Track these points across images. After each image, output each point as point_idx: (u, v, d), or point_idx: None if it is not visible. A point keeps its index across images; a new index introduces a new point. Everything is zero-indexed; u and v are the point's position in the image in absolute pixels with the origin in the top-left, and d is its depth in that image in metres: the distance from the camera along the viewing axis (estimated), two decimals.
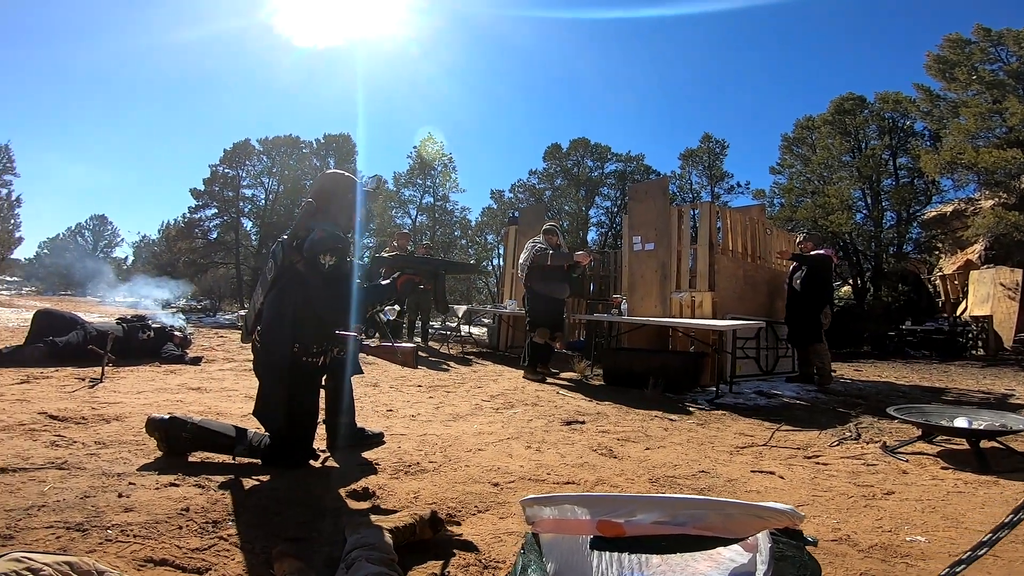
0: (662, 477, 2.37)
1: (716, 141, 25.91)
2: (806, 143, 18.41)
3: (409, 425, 3.08)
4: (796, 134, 18.73)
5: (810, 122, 18.12)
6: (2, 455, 2.01)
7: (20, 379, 3.59)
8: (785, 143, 19.20)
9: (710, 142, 25.88)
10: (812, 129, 17.94)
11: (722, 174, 25.87)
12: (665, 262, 5.70)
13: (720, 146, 25.88)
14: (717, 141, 25.93)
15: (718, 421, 3.69)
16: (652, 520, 0.85)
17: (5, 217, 15.98)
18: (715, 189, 25.47)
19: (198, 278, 21.07)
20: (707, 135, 26.04)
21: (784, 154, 19.37)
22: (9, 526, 1.46)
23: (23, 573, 0.79)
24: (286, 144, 22.42)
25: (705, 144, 25.94)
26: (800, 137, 18.61)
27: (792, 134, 18.89)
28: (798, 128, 18.65)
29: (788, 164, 19.19)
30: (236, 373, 4.53)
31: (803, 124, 18.45)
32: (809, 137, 18.19)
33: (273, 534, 1.57)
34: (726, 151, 25.94)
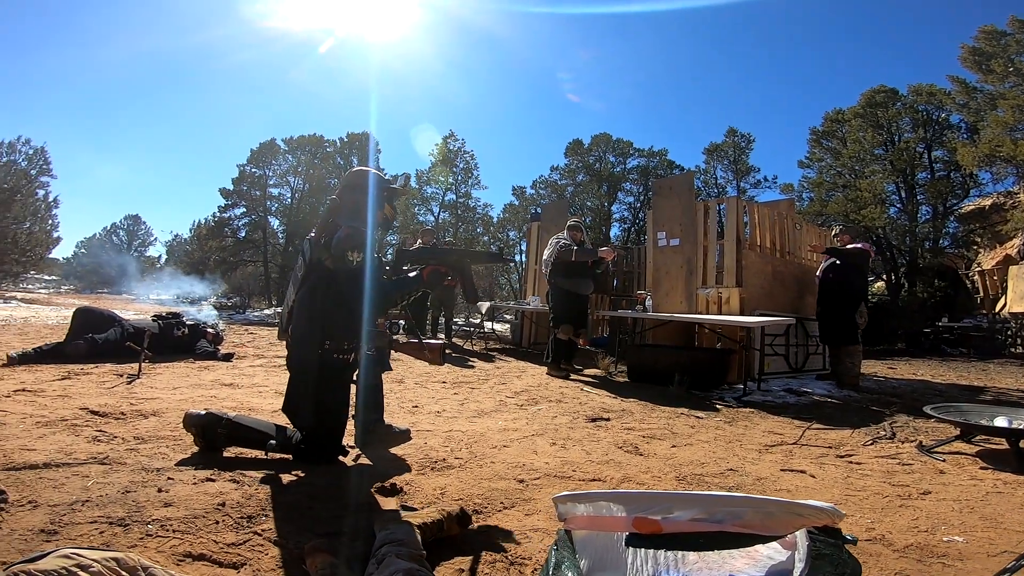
0: (689, 475, 2.35)
1: (742, 135, 25.42)
2: (836, 136, 17.94)
3: (435, 421, 3.11)
4: (825, 127, 18.28)
5: (840, 115, 17.66)
6: (46, 450, 2.08)
7: (62, 375, 3.73)
8: (814, 136, 18.76)
9: (735, 136, 25.40)
10: (842, 122, 17.48)
11: (748, 168, 25.38)
12: (691, 258, 5.63)
13: (746, 140, 25.39)
14: (743, 135, 25.43)
15: (746, 419, 3.63)
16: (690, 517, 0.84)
17: (43, 218, 16.53)
18: (741, 184, 25.01)
19: (228, 276, 21.60)
20: (732, 129, 25.55)
21: (813, 148, 18.93)
22: (54, 521, 1.51)
23: (73, 570, 0.82)
24: (310, 143, 22.73)
25: (730, 138, 25.47)
26: (829, 130, 18.14)
27: (821, 127, 18.43)
28: (827, 121, 18.20)
29: (817, 158, 18.75)
30: (266, 369, 4.63)
31: (832, 117, 18.00)
32: (839, 130, 17.72)
33: (305, 529, 1.60)
34: (752, 145, 25.43)
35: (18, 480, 1.77)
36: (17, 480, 1.76)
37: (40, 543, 1.38)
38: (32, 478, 1.80)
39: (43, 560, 0.82)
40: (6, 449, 2.05)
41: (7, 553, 1.31)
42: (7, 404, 2.78)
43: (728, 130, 25.67)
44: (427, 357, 2.35)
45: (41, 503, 1.61)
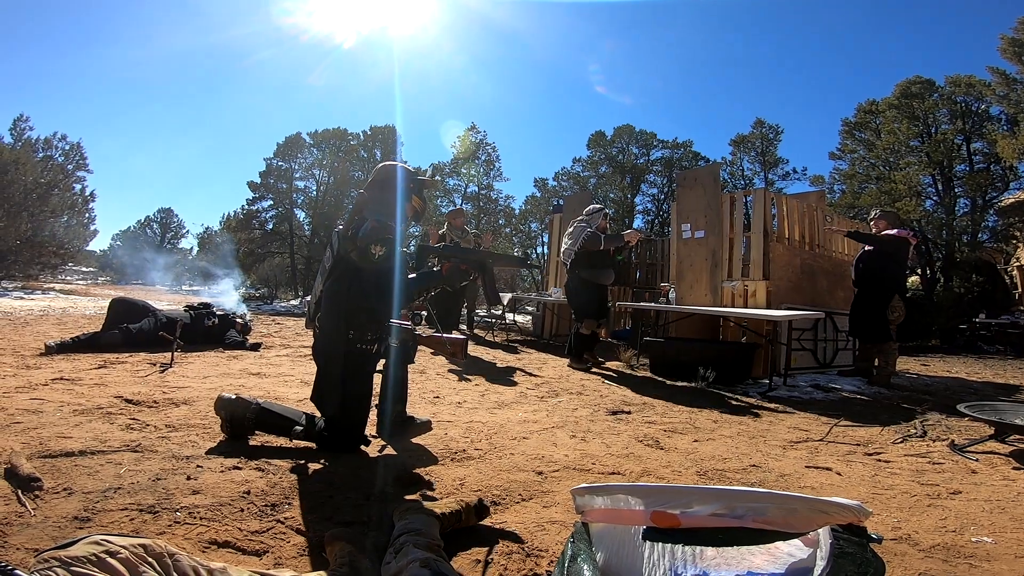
0: (711, 470, 2.32)
1: (769, 126, 24.88)
2: (869, 128, 17.44)
3: (455, 412, 3.13)
4: (858, 118, 17.77)
5: (873, 106, 17.15)
6: (82, 438, 2.15)
7: (98, 364, 3.86)
8: (846, 128, 18.26)
9: (763, 127, 24.87)
10: (876, 114, 16.98)
11: (776, 160, 24.85)
12: (716, 250, 5.53)
13: (774, 131, 24.84)
14: (771, 126, 24.89)
15: (771, 414, 3.57)
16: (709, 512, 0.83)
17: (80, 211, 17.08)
18: (769, 175, 24.51)
19: (256, 267, 22.07)
20: (759, 120, 25.03)
21: (845, 139, 18.42)
22: (87, 508, 1.55)
23: (102, 556, 0.84)
24: (335, 137, 22.98)
25: (757, 129, 24.95)
26: (863, 122, 17.64)
27: (853, 118, 17.93)
28: (860, 112, 17.70)
29: (849, 149, 18.25)
30: (292, 359, 4.73)
31: (866, 108, 17.51)
32: (872, 122, 17.22)
33: (326, 518, 1.63)
34: (780, 136, 24.87)
35: (54, 467, 1.82)
36: (53, 467, 1.82)
37: (73, 530, 1.42)
38: (67, 465, 1.86)
39: (74, 547, 0.85)
40: (43, 436, 2.13)
41: (40, 540, 1.35)
42: (45, 392, 2.89)
43: (755, 121, 25.16)
44: (448, 351, 2.35)
45: (75, 490, 1.66)
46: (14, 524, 1.42)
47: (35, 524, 1.43)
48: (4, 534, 1.36)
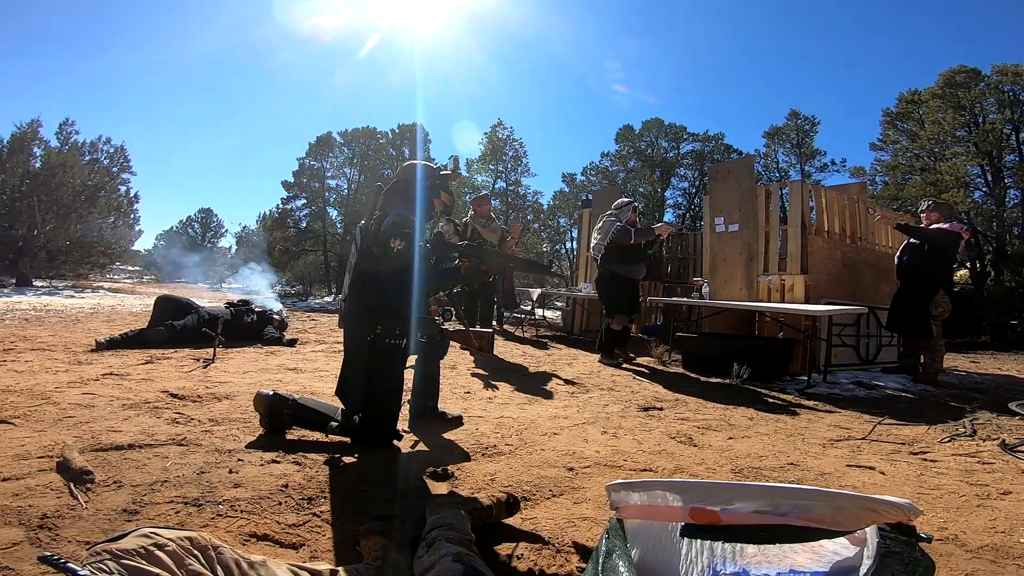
0: (746, 468, 2.27)
1: (805, 118, 24.18)
2: (912, 118, 16.84)
3: (486, 408, 3.14)
4: (900, 108, 17.19)
5: (916, 96, 16.57)
6: (131, 432, 2.24)
7: (145, 359, 4.01)
8: (887, 118, 17.66)
9: (798, 119, 24.18)
10: (918, 103, 16.41)
11: (813, 152, 24.16)
12: (751, 244, 5.40)
13: (810, 123, 24.15)
14: (806, 118, 24.20)
15: (810, 412, 3.47)
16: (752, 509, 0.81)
17: (125, 212, 17.79)
18: (805, 167, 23.82)
19: (291, 265, 22.64)
20: (794, 112, 24.38)
21: (886, 129, 17.83)
22: (135, 501, 1.61)
23: (150, 548, 0.86)
24: (364, 135, 23.33)
25: (792, 121, 24.30)
26: (905, 112, 17.05)
27: (895, 108, 17.32)
28: (902, 102, 17.11)
29: (892, 140, 17.66)
30: (327, 355, 4.83)
31: (908, 98, 16.93)
32: (915, 111, 16.64)
33: (360, 512, 1.65)
34: (816, 128, 24.20)
35: (104, 461, 1.89)
36: (104, 461, 1.89)
37: (122, 522, 1.48)
38: (117, 458, 1.93)
39: (124, 539, 0.87)
40: (95, 430, 2.22)
41: (92, 533, 1.40)
42: (96, 387, 3.01)
43: (790, 112, 24.56)
44: (475, 345, 2.36)
45: (125, 483, 1.72)
46: (66, 517, 1.47)
47: (86, 517, 1.48)
48: (57, 527, 1.41)
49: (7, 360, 3.69)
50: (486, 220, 5.74)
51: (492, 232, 5.62)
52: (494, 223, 5.82)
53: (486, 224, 5.67)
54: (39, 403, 2.59)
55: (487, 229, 5.60)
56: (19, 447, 1.97)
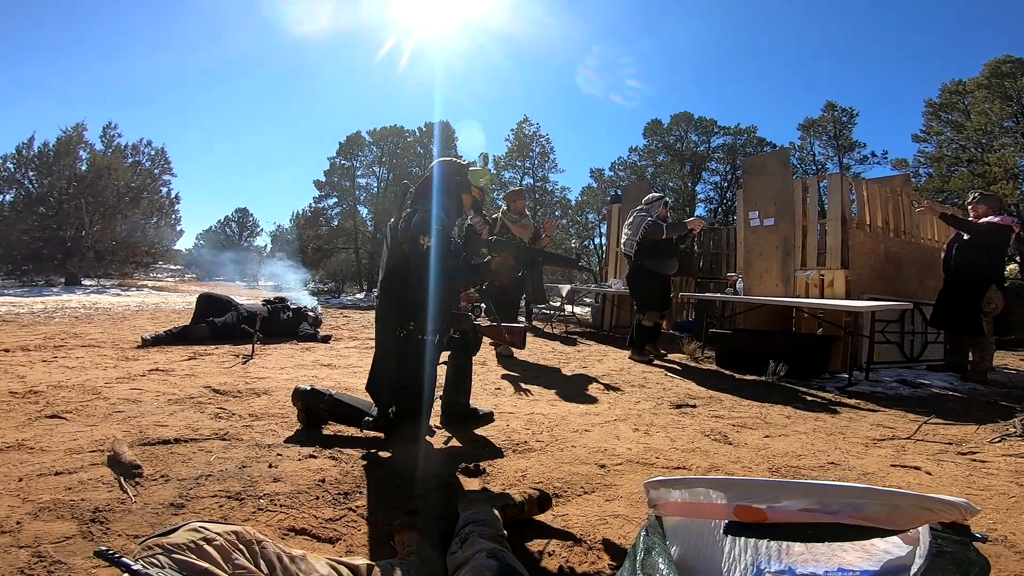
0: (784, 467, 2.22)
1: (842, 109, 23.45)
2: (956, 108, 16.21)
3: (517, 404, 3.15)
4: (943, 99, 16.57)
5: (960, 86, 15.97)
6: (176, 426, 2.32)
7: (188, 355, 4.16)
8: (930, 109, 17.04)
9: (835, 111, 23.45)
10: (963, 94, 15.78)
11: (852, 144, 23.43)
12: (787, 238, 5.25)
13: (847, 115, 23.39)
14: (844, 109, 23.47)
15: (851, 411, 3.36)
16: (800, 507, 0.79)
17: (167, 213, 18.38)
18: (844, 160, 23.10)
19: (323, 263, 23.12)
20: (831, 103, 23.66)
21: (929, 120, 17.21)
22: (181, 495, 1.66)
23: (200, 543, 0.89)
24: (392, 134, 23.60)
25: (829, 113, 23.59)
26: (948, 102, 16.42)
27: (938, 99, 16.65)
28: (945, 93, 16.50)
29: (935, 131, 17.02)
30: (360, 351, 4.92)
31: (951, 89, 16.33)
32: (960, 102, 15.99)
33: (394, 507, 1.67)
34: (855, 120, 23.45)
35: (152, 455, 1.97)
36: (152, 455, 1.96)
37: (169, 516, 1.52)
38: (164, 453, 2.00)
39: (174, 534, 0.90)
40: (143, 425, 2.30)
41: (141, 526, 1.45)
42: (143, 383, 3.14)
43: (826, 104, 23.90)
44: (508, 340, 2.36)
45: (171, 477, 1.78)
46: (116, 511, 1.53)
47: (135, 511, 1.54)
48: (108, 521, 1.47)
49: (59, 356, 3.87)
50: (519, 216, 5.36)
51: (524, 229, 5.25)
52: (527, 219, 5.42)
53: (518, 220, 5.29)
54: (90, 398, 2.70)
55: (518, 225, 5.22)
56: (71, 441, 2.06)
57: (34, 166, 14.97)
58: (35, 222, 14.37)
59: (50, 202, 14.77)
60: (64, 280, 14.44)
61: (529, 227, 5.32)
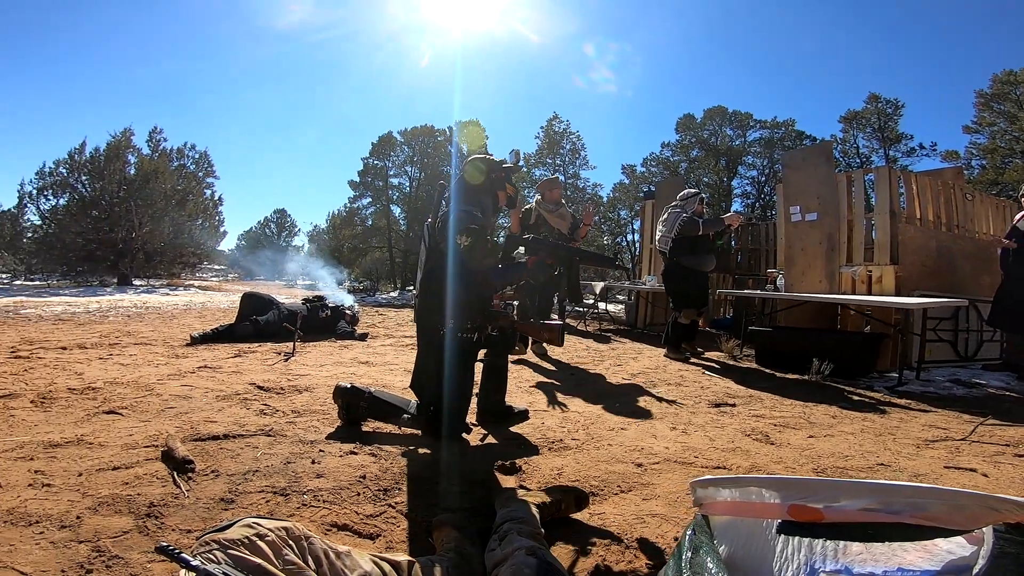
0: (830, 468, 2.15)
1: (887, 101, 22.58)
2: (1009, 99, 15.48)
3: (551, 402, 3.14)
4: (995, 89, 15.86)
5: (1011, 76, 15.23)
6: (225, 422, 2.39)
7: (234, 353, 4.31)
8: (981, 99, 16.32)
9: (879, 102, 22.59)
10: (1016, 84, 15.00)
11: (898, 136, 22.54)
12: (832, 233, 5.07)
13: (893, 106, 22.51)
14: (888, 101, 22.60)
15: (901, 411, 3.23)
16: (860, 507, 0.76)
17: (211, 214, 19.02)
18: (890, 152, 22.23)
19: (359, 261, 23.59)
20: (874, 95, 22.87)
21: (981, 111, 16.44)
22: (231, 490, 1.71)
23: (253, 539, 0.91)
24: (423, 134, 23.86)
25: (872, 104, 22.75)
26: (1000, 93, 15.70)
27: (989, 90, 15.86)
28: (996, 83, 15.72)
29: (988, 122, 16.29)
30: (396, 349, 5.00)
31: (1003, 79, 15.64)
32: (1012, 92, 15.22)
33: (432, 503, 1.70)
34: (900, 111, 22.53)
35: (203, 450, 2.04)
36: (202, 450, 2.03)
37: (220, 511, 1.57)
38: (214, 448, 2.06)
39: (230, 530, 0.93)
40: (193, 421, 2.39)
41: (193, 521, 1.50)
42: (192, 379, 3.26)
43: (869, 96, 23.15)
44: (545, 337, 2.35)
45: (221, 472, 1.84)
46: (171, 505, 1.57)
47: (188, 506, 1.59)
48: (162, 516, 1.51)
49: (114, 354, 4.06)
50: (555, 206, 5.01)
51: (560, 219, 4.94)
52: (563, 209, 5.06)
53: (554, 210, 4.96)
54: (144, 394, 2.83)
55: (555, 215, 4.93)
56: (127, 437, 2.15)
57: (86, 170, 15.64)
58: (88, 224, 15.07)
59: (102, 205, 15.47)
60: (116, 280, 15.15)
61: (567, 217, 5.02)
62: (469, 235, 2.18)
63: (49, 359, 3.71)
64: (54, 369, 3.38)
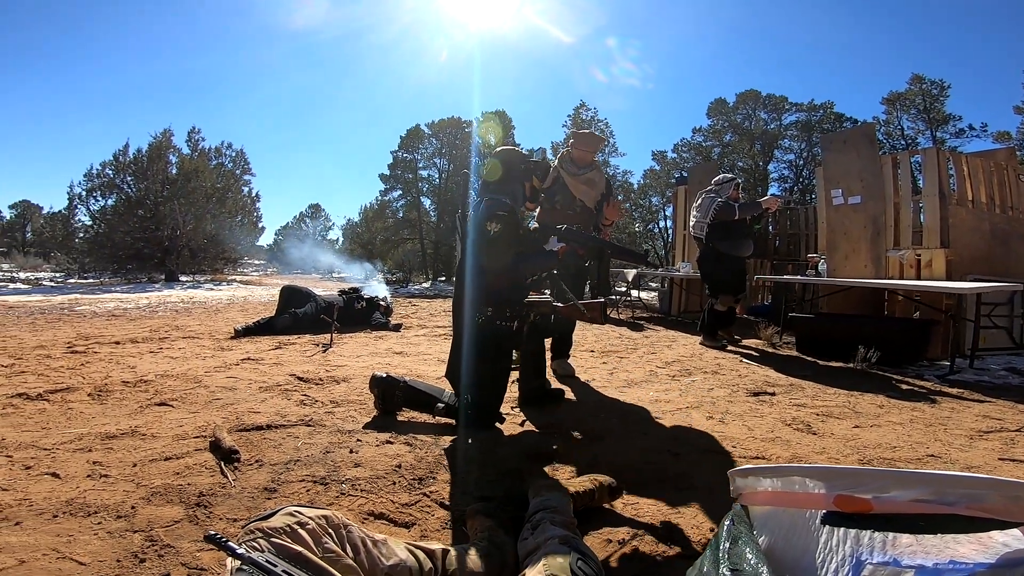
0: (875, 459, 2.08)
1: (932, 82, 21.60)
2: None
3: (585, 391, 3.13)
4: None
5: None
6: (267, 413, 2.47)
7: (275, 345, 4.44)
8: None
9: (922, 83, 21.64)
10: None
11: (945, 117, 21.59)
12: (877, 217, 4.87)
13: (938, 87, 21.56)
14: (934, 82, 21.63)
15: (952, 400, 3.09)
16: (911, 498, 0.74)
17: (249, 211, 19.54)
18: (937, 134, 21.26)
19: (391, 253, 23.95)
20: (917, 76, 21.91)
21: None
22: (274, 479, 1.76)
23: (295, 527, 0.94)
24: (450, 125, 23.96)
25: (916, 86, 21.80)
26: None
27: None
28: None
29: None
30: (429, 339, 5.06)
31: None
32: None
33: (465, 492, 1.71)
34: (946, 92, 21.57)
35: (248, 440, 2.10)
36: (247, 441, 2.10)
37: (263, 500, 1.61)
38: (258, 439, 2.13)
39: (272, 518, 0.95)
40: (238, 411, 2.48)
41: (239, 510, 1.55)
42: (237, 371, 3.38)
43: (912, 77, 22.16)
44: (587, 317, 2.31)
45: (265, 462, 1.89)
46: (218, 495, 1.63)
47: (234, 495, 1.64)
48: (210, 505, 1.56)
49: (163, 347, 4.24)
50: (583, 169, 3.55)
51: (587, 186, 3.52)
52: (595, 175, 3.57)
53: (579, 174, 3.53)
54: (192, 386, 2.94)
55: (579, 180, 3.51)
56: (178, 428, 2.24)
57: (131, 171, 16.27)
58: (135, 224, 15.69)
59: (147, 204, 16.08)
60: (164, 277, 15.78)
61: (597, 185, 3.55)
62: (498, 222, 2.19)
63: (104, 353, 3.89)
64: (108, 363, 3.55)
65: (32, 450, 1.95)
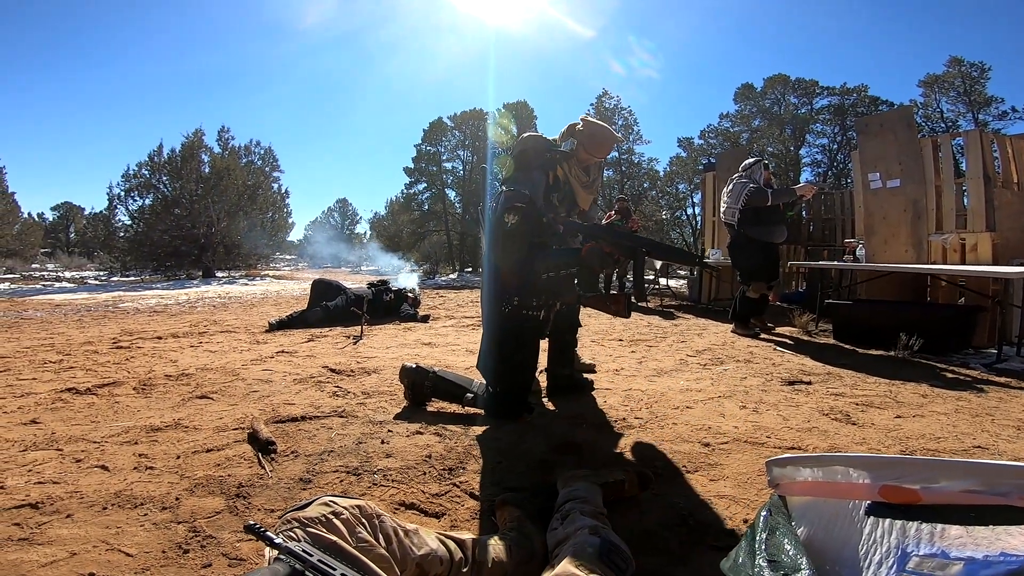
0: (919, 450, 2.01)
1: (972, 64, 20.81)
2: None
3: (613, 380, 3.10)
4: None
5: None
6: (301, 404, 2.52)
7: (307, 338, 4.53)
8: None
9: (961, 66, 20.82)
10: None
11: (987, 99, 20.82)
12: (917, 200, 4.68)
13: (978, 69, 20.78)
14: (973, 64, 20.87)
15: (1000, 390, 2.96)
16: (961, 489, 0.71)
17: (279, 207, 19.93)
18: (979, 116, 20.46)
19: (418, 245, 24.18)
20: (955, 59, 21.20)
21: None
22: (309, 470, 1.79)
23: (329, 517, 0.96)
24: (472, 117, 23.94)
25: (955, 68, 21.01)
26: None
27: None
28: None
29: None
30: (457, 329, 5.10)
31: None
32: None
33: (495, 483, 1.72)
34: (987, 74, 20.81)
35: (283, 432, 2.15)
36: (283, 432, 2.15)
37: (299, 491, 1.64)
38: (293, 430, 2.17)
39: (308, 508, 0.98)
40: (274, 403, 2.53)
41: (276, 501, 1.57)
42: (272, 364, 3.46)
43: (950, 60, 21.50)
44: (612, 310, 2.27)
45: (300, 453, 1.93)
46: (256, 485, 1.66)
47: (271, 486, 1.67)
48: (249, 496, 1.60)
49: (203, 342, 4.38)
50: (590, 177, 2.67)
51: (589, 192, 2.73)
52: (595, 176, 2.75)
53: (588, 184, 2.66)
54: (231, 379, 3.03)
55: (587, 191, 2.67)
56: (218, 420, 2.30)
57: (166, 171, 16.79)
58: (172, 222, 16.21)
59: (183, 203, 16.59)
60: (201, 273, 16.29)
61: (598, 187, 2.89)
62: (516, 213, 2.15)
63: (147, 348, 4.04)
64: (152, 357, 3.68)
65: (82, 443, 2.03)
